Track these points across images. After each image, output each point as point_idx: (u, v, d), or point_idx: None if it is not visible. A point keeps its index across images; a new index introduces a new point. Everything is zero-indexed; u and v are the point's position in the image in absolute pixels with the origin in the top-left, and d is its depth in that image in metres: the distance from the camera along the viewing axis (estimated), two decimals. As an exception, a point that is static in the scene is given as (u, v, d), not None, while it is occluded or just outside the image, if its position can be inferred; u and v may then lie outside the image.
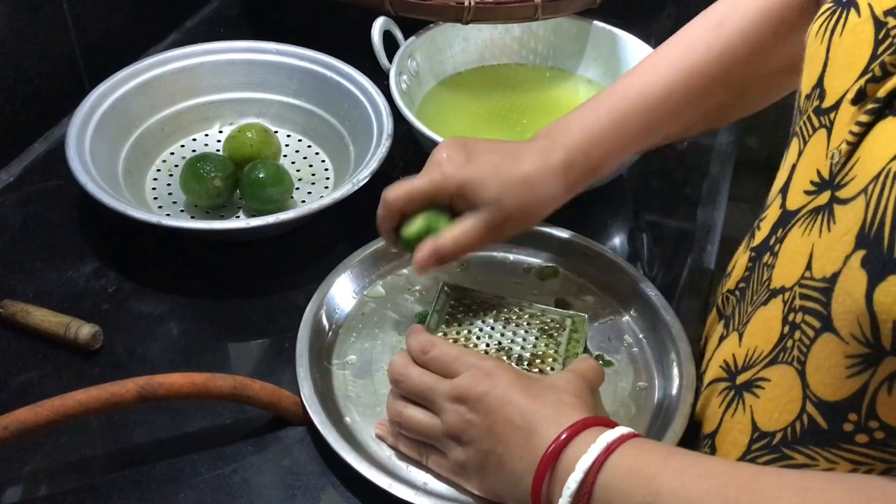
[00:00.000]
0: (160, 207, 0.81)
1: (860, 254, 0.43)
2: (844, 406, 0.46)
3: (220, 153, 0.84)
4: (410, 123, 0.82)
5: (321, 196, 0.78)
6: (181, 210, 0.81)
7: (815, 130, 0.52)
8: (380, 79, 0.87)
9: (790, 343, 0.50)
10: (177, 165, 0.85)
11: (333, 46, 0.90)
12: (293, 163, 0.87)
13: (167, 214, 0.80)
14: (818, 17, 0.53)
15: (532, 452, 0.52)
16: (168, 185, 0.83)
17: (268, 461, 0.61)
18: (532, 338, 0.66)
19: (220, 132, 0.90)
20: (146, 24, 1.01)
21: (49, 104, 0.89)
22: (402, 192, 0.65)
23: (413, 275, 0.74)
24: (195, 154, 0.83)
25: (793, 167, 0.55)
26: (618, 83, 0.70)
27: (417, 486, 0.58)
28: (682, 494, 0.46)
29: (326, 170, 0.87)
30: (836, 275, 0.45)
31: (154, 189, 0.83)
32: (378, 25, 0.92)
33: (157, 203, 0.81)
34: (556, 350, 0.65)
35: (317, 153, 0.89)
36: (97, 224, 0.79)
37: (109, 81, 0.83)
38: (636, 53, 0.93)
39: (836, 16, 0.51)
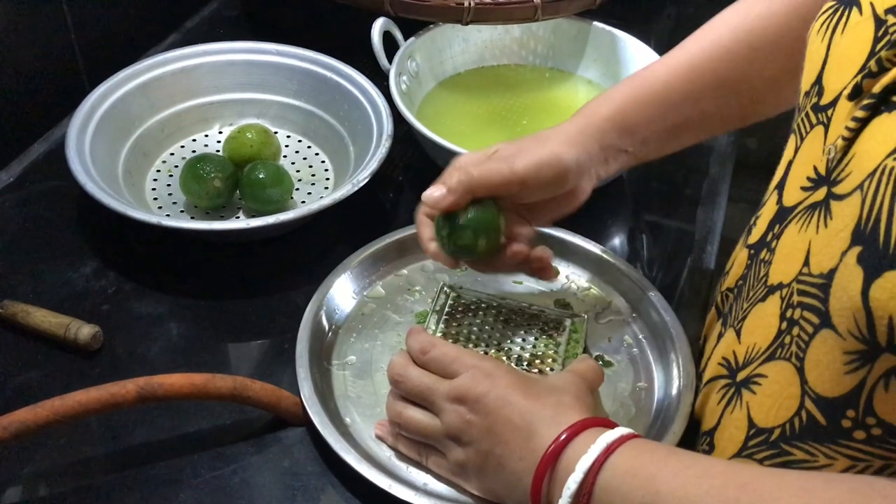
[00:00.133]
0: (160, 208, 0.81)
1: (856, 250, 0.43)
2: (843, 402, 0.46)
3: (220, 154, 0.84)
4: (410, 124, 0.82)
5: (321, 197, 0.78)
6: (181, 210, 0.81)
7: (813, 127, 0.52)
8: (380, 79, 0.87)
9: (788, 339, 0.50)
10: (177, 166, 0.85)
11: (333, 47, 0.90)
12: (293, 163, 0.87)
13: (167, 215, 0.80)
14: (820, 16, 0.53)
15: (532, 453, 0.52)
16: (168, 186, 0.83)
17: (268, 462, 0.61)
18: (532, 338, 0.66)
19: (220, 133, 0.90)
20: (146, 25, 1.01)
21: (49, 104, 0.89)
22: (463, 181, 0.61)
23: (412, 275, 0.74)
24: (195, 155, 0.83)
25: (789, 163, 0.55)
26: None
27: (417, 487, 0.58)
28: (682, 495, 0.46)
29: (326, 170, 0.87)
30: (833, 271, 0.45)
31: (154, 189, 0.83)
32: (378, 26, 0.92)
33: (157, 203, 0.81)
34: (556, 350, 0.65)
35: (317, 154, 0.89)
36: (97, 224, 0.79)
37: (109, 82, 0.83)
38: (636, 54, 0.93)
39: (839, 14, 0.51)
